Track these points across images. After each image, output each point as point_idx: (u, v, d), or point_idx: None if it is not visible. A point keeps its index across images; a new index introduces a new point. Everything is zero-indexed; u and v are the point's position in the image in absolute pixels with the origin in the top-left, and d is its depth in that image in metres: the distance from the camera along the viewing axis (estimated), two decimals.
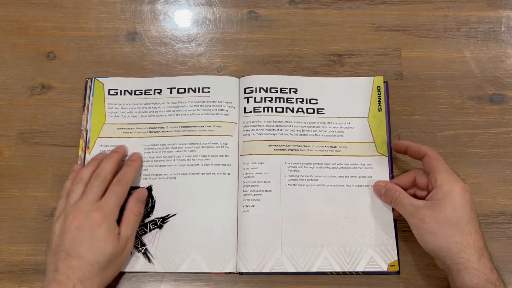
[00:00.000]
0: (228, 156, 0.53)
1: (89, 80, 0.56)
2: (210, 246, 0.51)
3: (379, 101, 0.56)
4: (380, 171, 0.53)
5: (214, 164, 0.53)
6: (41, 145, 0.55)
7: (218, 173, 0.52)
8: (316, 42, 0.59)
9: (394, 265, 0.50)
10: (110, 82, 0.56)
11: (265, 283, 0.51)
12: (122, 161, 0.52)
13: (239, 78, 0.57)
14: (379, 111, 0.55)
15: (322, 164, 0.53)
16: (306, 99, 0.56)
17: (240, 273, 0.50)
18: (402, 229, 0.52)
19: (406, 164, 0.55)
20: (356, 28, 0.60)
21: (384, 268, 0.50)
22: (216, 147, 0.53)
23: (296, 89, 0.56)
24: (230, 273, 0.50)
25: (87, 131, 0.54)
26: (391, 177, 0.53)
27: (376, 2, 0.61)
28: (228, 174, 0.53)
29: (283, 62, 0.59)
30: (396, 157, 0.55)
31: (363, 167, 0.53)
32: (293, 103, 0.56)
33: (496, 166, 0.55)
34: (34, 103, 0.56)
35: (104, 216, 0.44)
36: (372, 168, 0.53)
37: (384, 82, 0.57)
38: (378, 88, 0.56)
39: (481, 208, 0.54)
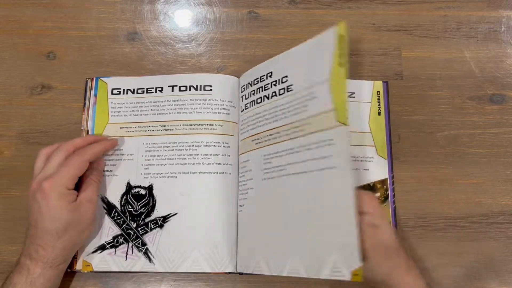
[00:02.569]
0: (229, 155, 0.53)
1: (89, 80, 0.56)
2: (211, 245, 0.51)
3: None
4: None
5: (216, 164, 0.53)
6: (41, 145, 0.54)
7: (219, 173, 0.52)
8: None
9: (357, 274, 0.40)
10: (113, 82, 0.56)
11: (265, 283, 0.51)
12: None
13: (239, 78, 0.57)
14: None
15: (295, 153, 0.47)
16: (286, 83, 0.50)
17: (240, 273, 0.50)
18: (402, 229, 0.52)
19: (407, 164, 0.55)
20: (356, 28, 0.60)
21: (348, 277, 0.41)
22: (218, 146, 0.53)
23: (286, 76, 0.50)
24: (230, 273, 0.50)
25: (87, 131, 0.54)
26: (391, 177, 0.53)
27: (376, 2, 0.61)
28: (230, 173, 0.53)
29: None
30: (396, 158, 0.55)
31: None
32: (271, 88, 0.51)
33: (496, 166, 0.55)
34: (34, 103, 0.56)
35: (52, 184, 0.44)
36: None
37: (384, 82, 0.57)
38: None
39: (481, 208, 0.54)
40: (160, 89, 0.56)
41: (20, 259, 0.45)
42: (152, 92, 0.56)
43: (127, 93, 0.56)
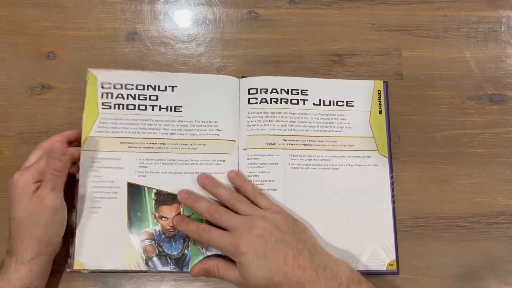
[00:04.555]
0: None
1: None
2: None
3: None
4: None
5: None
6: None
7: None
8: (316, 42, 0.59)
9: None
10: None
11: None
12: None
13: (239, 78, 0.56)
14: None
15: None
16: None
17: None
18: (401, 229, 0.52)
19: (407, 164, 0.55)
20: (356, 28, 0.60)
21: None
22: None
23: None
24: None
25: None
26: (391, 177, 0.53)
27: (376, 2, 0.61)
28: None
29: (283, 62, 0.59)
30: (396, 158, 0.55)
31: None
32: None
33: (496, 166, 0.55)
34: (34, 103, 0.56)
35: (20, 175, 0.45)
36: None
37: (383, 82, 0.57)
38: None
39: (481, 208, 0.54)
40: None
41: (5, 256, 0.46)
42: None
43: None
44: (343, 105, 0.55)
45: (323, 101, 0.56)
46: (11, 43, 0.59)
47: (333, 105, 0.56)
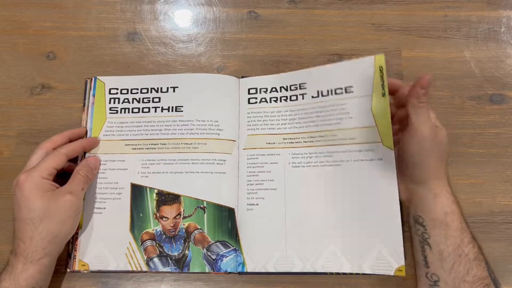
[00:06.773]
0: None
1: (88, 80, 0.56)
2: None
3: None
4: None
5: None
6: None
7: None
8: (316, 42, 0.59)
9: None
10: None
11: (265, 283, 0.51)
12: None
13: (239, 78, 0.57)
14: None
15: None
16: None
17: (240, 273, 0.50)
18: (404, 230, 0.52)
19: None
20: (356, 28, 0.60)
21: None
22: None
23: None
24: (230, 273, 0.50)
25: (86, 131, 0.54)
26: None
27: (376, 2, 0.61)
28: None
29: (283, 62, 0.59)
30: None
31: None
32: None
33: (496, 166, 0.55)
34: (34, 103, 0.56)
35: (26, 175, 0.45)
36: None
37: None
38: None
39: (481, 208, 0.54)
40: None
41: (9, 256, 0.46)
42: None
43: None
44: (341, 93, 0.52)
45: (321, 91, 0.53)
46: (11, 43, 0.59)
47: (332, 94, 0.52)
